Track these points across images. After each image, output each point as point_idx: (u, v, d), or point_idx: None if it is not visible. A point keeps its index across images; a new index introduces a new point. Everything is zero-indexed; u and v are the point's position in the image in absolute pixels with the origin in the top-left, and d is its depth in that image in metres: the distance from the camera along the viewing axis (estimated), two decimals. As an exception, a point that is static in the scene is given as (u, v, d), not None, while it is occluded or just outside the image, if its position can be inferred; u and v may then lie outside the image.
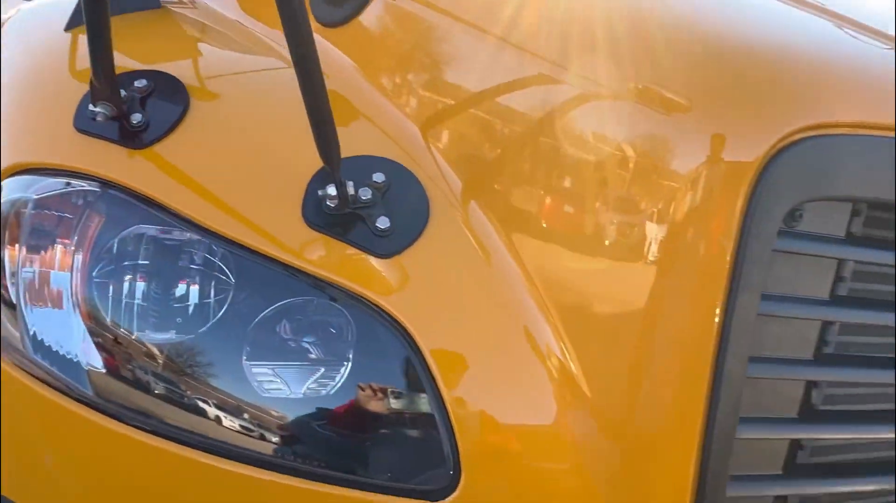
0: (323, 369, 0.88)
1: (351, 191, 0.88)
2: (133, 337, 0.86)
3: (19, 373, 0.89)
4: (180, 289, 0.88)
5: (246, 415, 0.87)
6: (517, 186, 0.95)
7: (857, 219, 0.91)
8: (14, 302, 0.91)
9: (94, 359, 0.88)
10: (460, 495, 0.84)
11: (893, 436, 1.04)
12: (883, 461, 1.08)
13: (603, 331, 0.89)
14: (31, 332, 0.90)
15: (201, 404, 0.86)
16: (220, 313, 0.87)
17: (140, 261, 0.89)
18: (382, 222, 0.89)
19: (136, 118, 0.91)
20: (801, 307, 0.89)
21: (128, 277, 0.87)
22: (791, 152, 0.82)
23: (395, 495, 0.85)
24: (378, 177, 0.92)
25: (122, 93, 0.90)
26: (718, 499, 0.87)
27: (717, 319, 0.83)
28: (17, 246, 0.91)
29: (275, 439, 0.87)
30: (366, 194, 0.89)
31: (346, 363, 0.87)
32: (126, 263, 0.88)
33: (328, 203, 0.88)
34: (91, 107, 0.89)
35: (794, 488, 0.96)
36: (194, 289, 0.87)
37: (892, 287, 1.05)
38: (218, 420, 0.87)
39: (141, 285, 0.88)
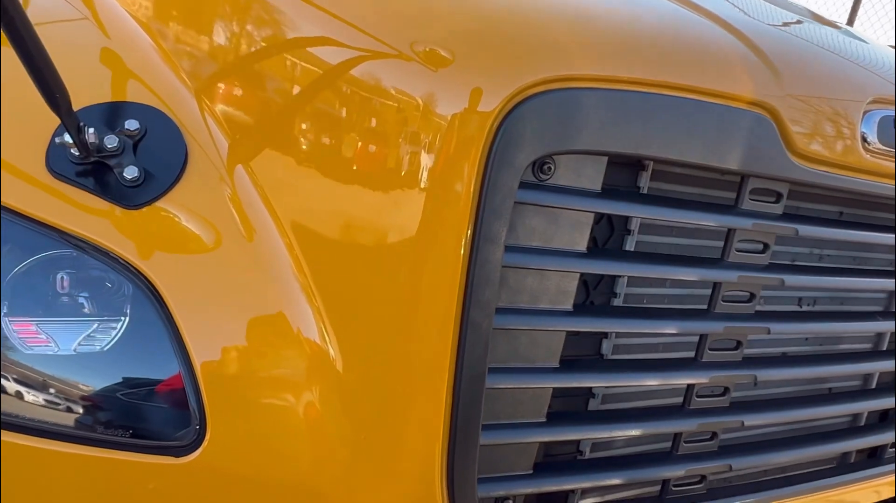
0: (96, 324, 0.84)
1: (93, 138, 0.83)
2: None
3: None
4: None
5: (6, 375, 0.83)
6: (286, 152, 0.91)
7: (613, 173, 0.91)
8: None
9: None
10: (205, 450, 0.82)
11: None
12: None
13: (359, 301, 0.86)
14: None
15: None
16: None
17: None
18: (130, 172, 0.85)
19: None
20: (555, 259, 0.89)
21: None
22: (531, 104, 0.80)
23: (142, 452, 0.83)
24: (131, 124, 0.87)
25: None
26: (470, 447, 0.87)
27: (460, 272, 0.82)
28: None
29: (33, 399, 0.83)
30: (112, 142, 0.84)
31: (121, 319, 0.84)
32: None
33: (72, 151, 0.84)
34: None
35: (562, 434, 0.98)
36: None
37: (673, 240, 1.07)
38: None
39: None
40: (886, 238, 1.19)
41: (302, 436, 0.84)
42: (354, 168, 0.86)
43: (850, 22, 7.23)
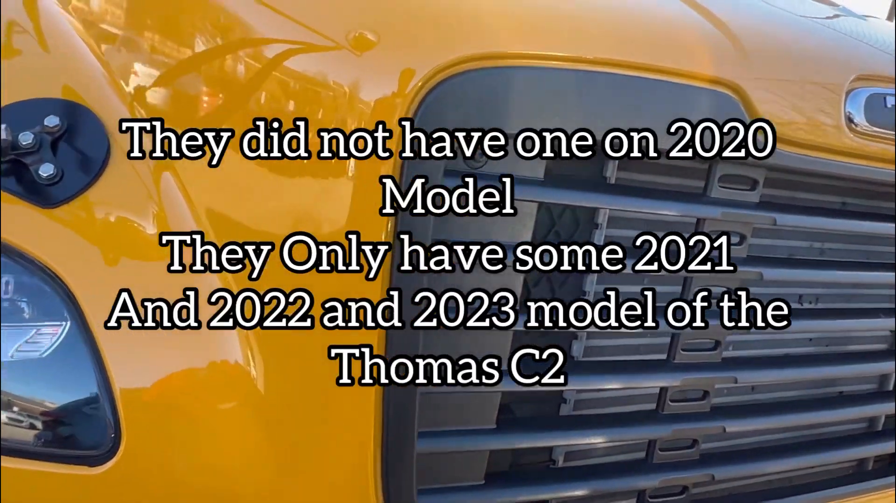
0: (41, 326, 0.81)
1: (6, 135, 0.79)
2: None
3: None
4: None
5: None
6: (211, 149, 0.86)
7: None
8: None
9: None
10: (120, 460, 0.78)
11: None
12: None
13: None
14: None
15: None
16: None
17: None
18: (46, 169, 0.81)
19: None
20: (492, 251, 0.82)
21: None
22: (450, 85, 0.74)
23: (56, 461, 0.79)
24: (51, 120, 0.84)
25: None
26: (405, 456, 0.81)
27: (382, 273, 0.76)
28: None
29: None
30: (27, 139, 0.81)
31: (34, 325, 0.80)
32: None
33: (-10, 152, 0.81)
34: None
35: (515, 442, 0.91)
36: None
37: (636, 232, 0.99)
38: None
39: None
40: (885, 228, 1.09)
41: (221, 446, 0.79)
42: (281, 164, 0.81)
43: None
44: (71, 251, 0.81)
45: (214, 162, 0.83)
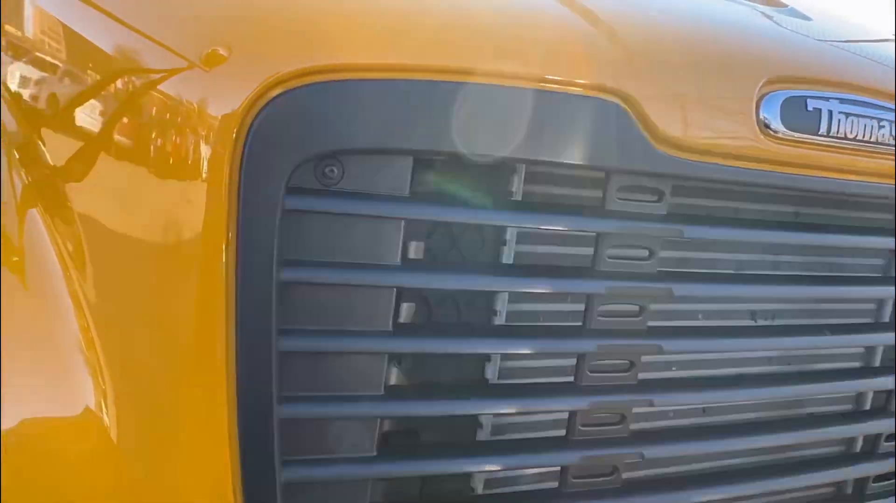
0: None
1: None
2: None
3: None
4: None
5: None
6: (69, 188, 0.85)
7: (423, 174, 0.80)
8: None
9: None
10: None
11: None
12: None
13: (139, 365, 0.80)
14: None
15: None
16: None
17: None
18: None
19: None
20: (357, 273, 0.79)
21: None
22: (285, 100, 0.71)
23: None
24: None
25: None
26: (266, 488, 0.78)
27: (225, 294, 0.73)
28: None
29: None
30: None
31: None
32: None
33: None
34: None
35: (396, 470, 0.87)
36: None
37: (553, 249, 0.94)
38: None
39: None
40: (814, 238, 1.02)
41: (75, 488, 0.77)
42: (134, 188, 0.79)
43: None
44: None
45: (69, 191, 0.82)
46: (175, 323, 0.76)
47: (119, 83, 0.82)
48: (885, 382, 1.17)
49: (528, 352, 0.91)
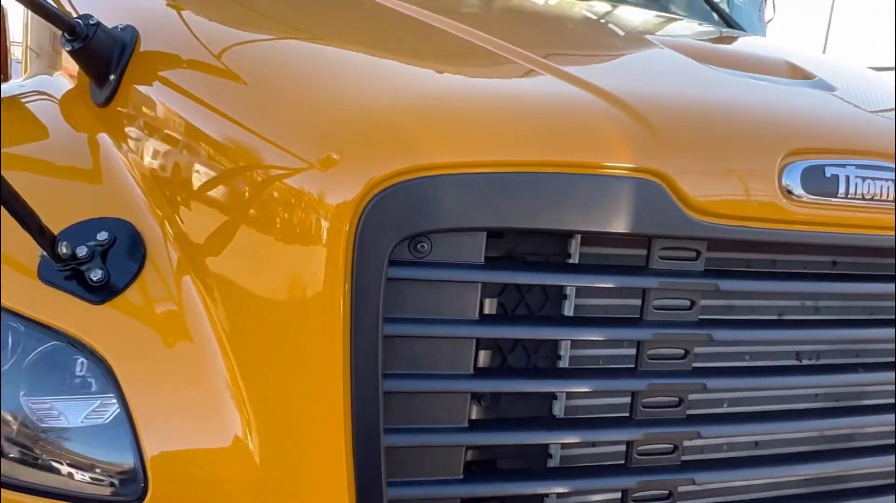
0: (96, 400, 1.04)
1: (64, 250, 1.03)
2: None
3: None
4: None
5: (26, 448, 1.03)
6: (217, 261, 1.07)
7: (494, 246, 0.99)
8: None
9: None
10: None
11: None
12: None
13: (276, 402, 1.00)
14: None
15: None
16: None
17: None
18: (95, 275, 1.04)
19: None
20: (442, 327, 0.98)
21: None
22: (387, 193, 0.91)
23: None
24: (102, 235, 1.07)
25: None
26: (375, 499, 0.96)
27: (342, 345, 0.93)
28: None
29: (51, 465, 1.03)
30: (82, 251, 1.04)
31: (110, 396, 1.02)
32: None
33: (54, 262, 1.05)
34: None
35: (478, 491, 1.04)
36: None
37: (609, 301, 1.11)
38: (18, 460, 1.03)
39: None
40: (834, 287, 1.16)
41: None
42: (268, 261, 1.01)
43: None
44: (115, 339, 1.02)
45: (219, 273, 1.04)
46: (302, 366, 0.96)
47: (254, 177, 1.04)
48: None
49: (588, 390, 1.07)
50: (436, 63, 1.20)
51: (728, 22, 2.50)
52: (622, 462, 1.10)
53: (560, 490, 1.06)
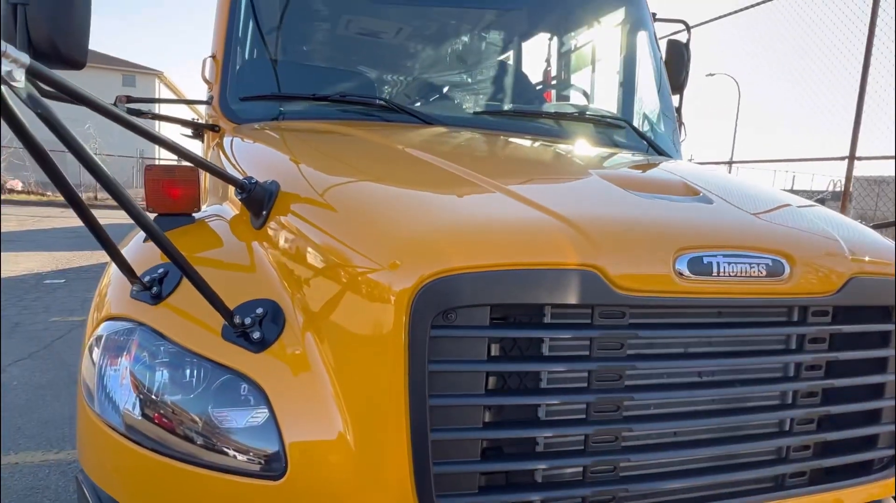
0: (254, 411, 1.71)
1: (237, 320, 1.72)
2: (159, 398, 1.72)
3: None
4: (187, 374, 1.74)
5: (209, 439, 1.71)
6: (324, 326, 1.73)
7: (495, 314, 1.65)
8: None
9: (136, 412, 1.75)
10: (286, 479, 1.63)
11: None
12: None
13: (363, 411, 1.64)
14: (105, 395, 1.79)
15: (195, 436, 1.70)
16: (199, 389, 1.71)
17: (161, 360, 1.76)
18: (256, 335, 1.72)
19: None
20: (464, 365, 1.63)
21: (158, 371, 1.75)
22: (428, 285, 1.57)
23: (257, 478, 1.65)
24: (259, 310, 1.76)
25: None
26: (425, 474, 1.59)
27: (404, 377, 1.59)
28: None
29: (224, 450, 1.70)
30: (248, 320, 1.73)
31: (263, 408, 1.70)
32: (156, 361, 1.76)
33: (232, 328, 1.74)
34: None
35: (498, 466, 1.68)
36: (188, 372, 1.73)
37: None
38: (204, 445, 1.71)
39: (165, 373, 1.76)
40: (720, 332, 1.79)
41: (334, 475, 1.63)
42: (354, 321, 1.68)
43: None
44: (267, 373, 1.70)
45: (327, 335, 1.72)
46: (379, 388, 1.59)
47: (348, 271, 1.70)
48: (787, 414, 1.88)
49: (559, 402, 1.69)
50: (452, 195, 1.86)
51: (654, 147, 3.27)
52: (582, 448, 1.73)
53: (544, 467, 1.69)
